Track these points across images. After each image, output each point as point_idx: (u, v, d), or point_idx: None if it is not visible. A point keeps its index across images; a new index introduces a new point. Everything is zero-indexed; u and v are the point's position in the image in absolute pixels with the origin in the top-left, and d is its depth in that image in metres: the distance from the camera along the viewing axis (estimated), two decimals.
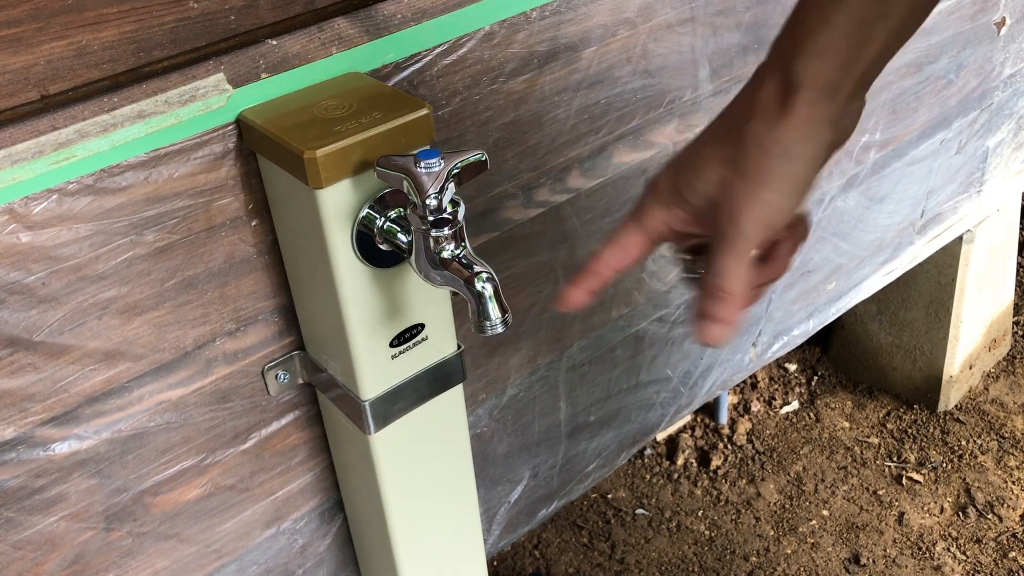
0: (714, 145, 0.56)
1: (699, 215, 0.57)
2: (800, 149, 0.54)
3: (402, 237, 0.65)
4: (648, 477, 1.82)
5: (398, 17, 0.71)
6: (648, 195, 0.59)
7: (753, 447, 1.85)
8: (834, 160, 1.20)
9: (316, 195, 0.62)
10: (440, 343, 0.75)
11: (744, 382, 1.97)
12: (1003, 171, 1.51)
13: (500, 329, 0.62)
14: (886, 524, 1.68)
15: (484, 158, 0.63)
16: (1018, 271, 2.10)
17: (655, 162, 0.98)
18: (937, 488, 1.74)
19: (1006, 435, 1.81)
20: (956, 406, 1.88)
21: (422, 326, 0.73)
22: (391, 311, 0.70)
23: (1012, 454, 1.77)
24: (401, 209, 0.66)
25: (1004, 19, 1.30)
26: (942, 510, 1.70)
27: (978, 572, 1.59)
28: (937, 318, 1.78)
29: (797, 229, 0.60)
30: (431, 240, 0.62)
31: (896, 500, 1.72)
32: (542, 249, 0.92)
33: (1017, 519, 1.66)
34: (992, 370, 1.95)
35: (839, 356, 1.99)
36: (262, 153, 0.66)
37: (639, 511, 1.75)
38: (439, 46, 0.74)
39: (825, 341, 2.02)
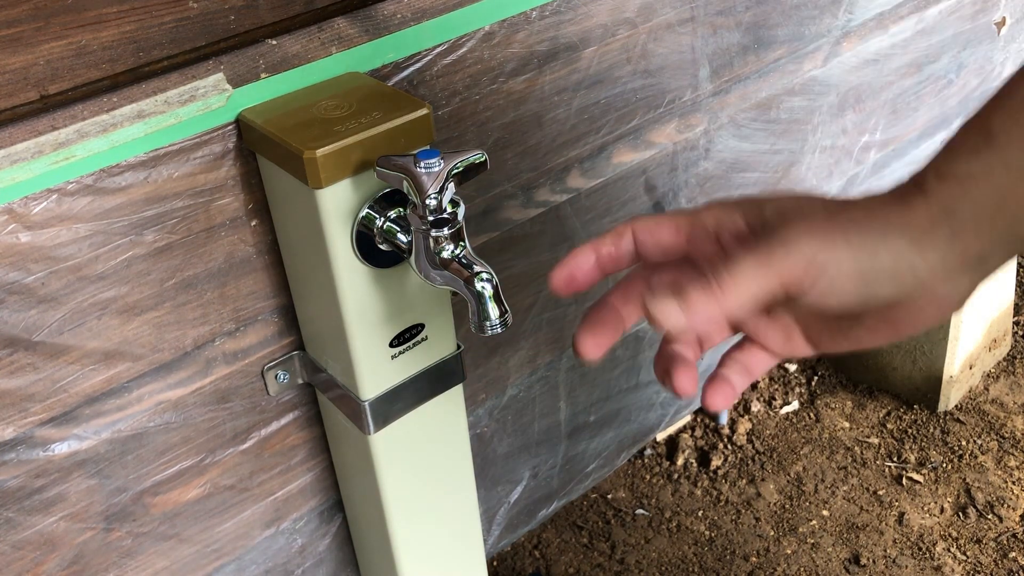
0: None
1: (754, 228, 0.48)
2: (875, 238, 0.45)
3: (402, 237, 0.65)
4: (648, 477, 1.82)
5: (398, 17, 0.71)
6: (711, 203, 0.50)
7: (753, 447, 1.85)
8: (834, 164, 1.20)
9: (316, 195, 0.62)
10: (440, 343, 0.75)
11: None
12: None
13: (500, 329, 0.61)
14: (886, 524, 1.68)
15: (484, 158, 0.63)
16: (1018, 271, 2.10)
17: (655, 162, 0.98)
18: (937, 488, 1.74)
19: (1006, 435, 1.81)
20: (956, 406, 1.88)
21: (422, 326, 0.73)
22: (391, 311, 0.70)
23: (1012, 454, 1.77)
24: (401, 209, 0.66)
25: (1004, 19, 1.30)
26: (942, 510, 1.70)
27: (978, 572, 1.59)
28: None
29: (788, 341, 0.51)
30: (431, 240, 0.62)
31: (896, 500, 1.72)
32: (542, 249, 0.92)
33: (1017, 519, 1.66)
34: (992, 370, 1.95)
35: (839, 356, 1.99)
36: (262, 153, 0.66)
37: (639, 511, 1.75)
38: (439, 46, 0.74)
39: None
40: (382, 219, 0.65)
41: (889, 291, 0.46)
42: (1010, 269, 1.84)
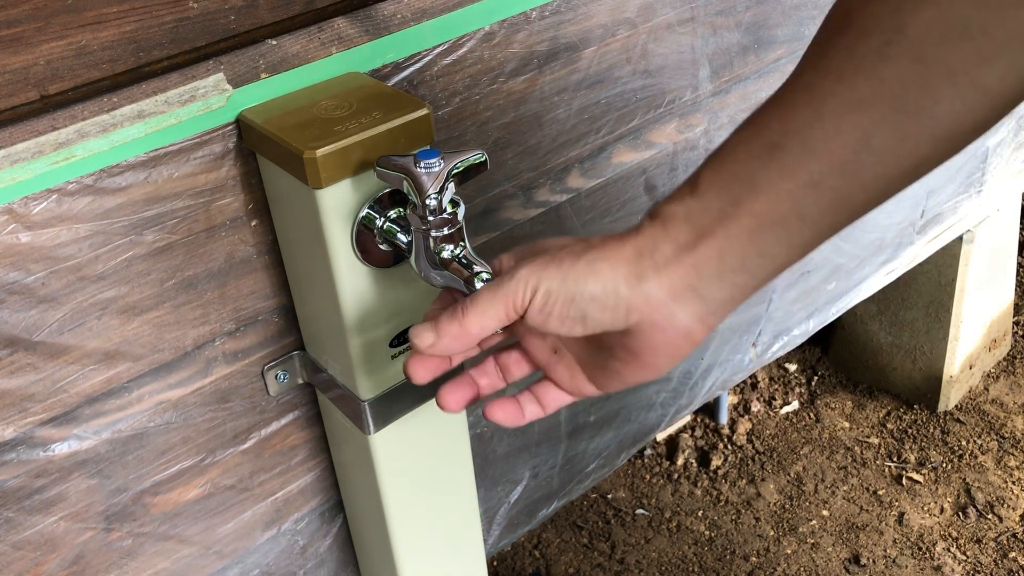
0: None
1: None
2: (584, 267, 0.52)
3: (402, 237, 0.65)
4: (648, 477, 1.82)
5: (398, 17, 0.71)
6: None
7: (753, 447, 1.85)
8: None
9: (316, 195, 0.62)
10: None
11: (744, 382, 1.97)
12: (1003, 171, 1.51)
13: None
14: (886, 524, 1.68)
15: (484, 158, 0.63)
16: (1018, 271, 2.10)
17: (655, 162, 0.98)
18: (937, 488, 1.74)
19: (1006, 435, 1.81)
20: (956, 406, 1.88)
21: None
22: (391, 311, 0.70)
23: (1012, 454, 1.77)
24: (401, 209, 0.66)
25: None
26: (942, 510, 1.70)
27: (978, 572, 1.59)
28: (937, 318, 1.78)
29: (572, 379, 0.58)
30: (431, 240, 0.62)
31: (896, 500, 1.72)
32: None
33: (1017, 519, 1.66)
34: (992, 370, 1.95)
35: (839, 356, 1.99)
36: (262, 153, 0.66)
37: (639, 511, 1.75)
38: (439, 46, 0.74)
39: (825, 341, 2.02)
40: (382, 219, 0.65)
41: (602, 315, 0.52)
42: (1010, 270, 1.84)
